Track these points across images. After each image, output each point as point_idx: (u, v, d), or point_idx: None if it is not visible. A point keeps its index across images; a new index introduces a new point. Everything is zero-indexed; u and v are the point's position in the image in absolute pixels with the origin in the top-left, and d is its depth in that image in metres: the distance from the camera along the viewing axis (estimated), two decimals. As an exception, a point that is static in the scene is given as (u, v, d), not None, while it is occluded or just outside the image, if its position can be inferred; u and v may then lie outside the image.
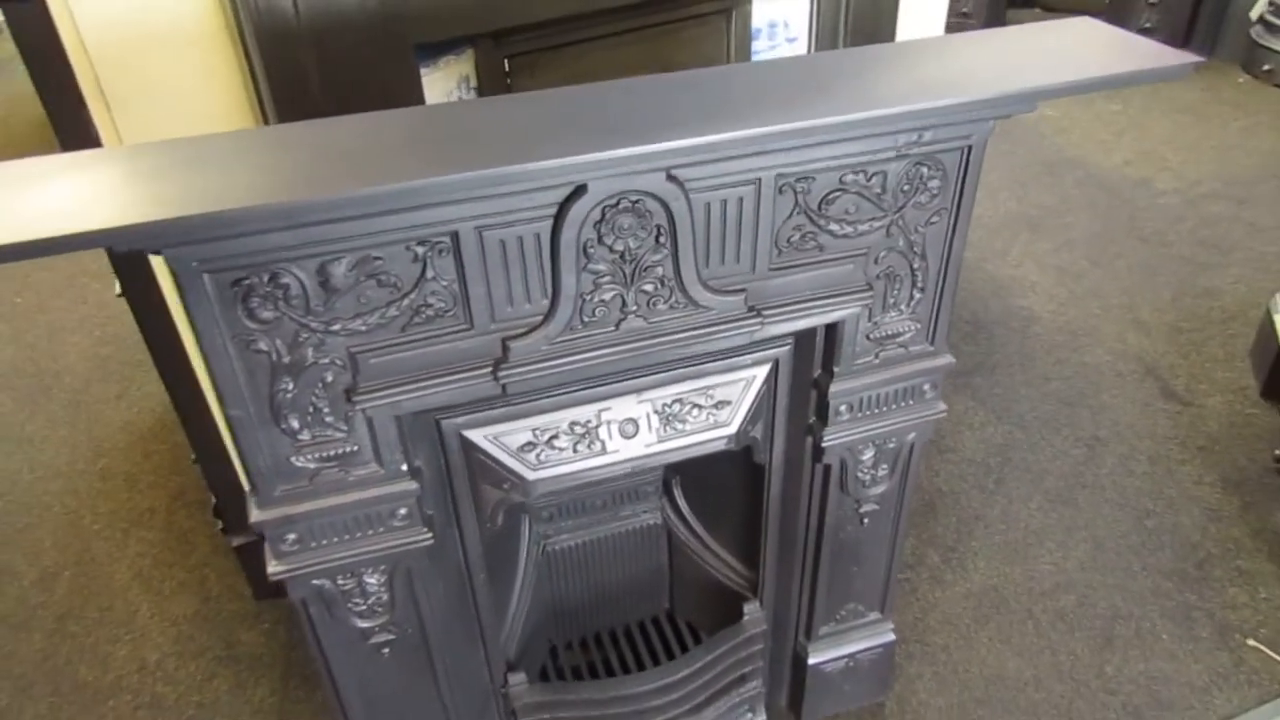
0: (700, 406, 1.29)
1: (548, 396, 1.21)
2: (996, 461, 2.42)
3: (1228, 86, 4.54)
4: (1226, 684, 1.87)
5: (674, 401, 1.27)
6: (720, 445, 1.32)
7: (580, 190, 1.00)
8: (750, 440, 1.36)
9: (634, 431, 1.27)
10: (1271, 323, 2.51)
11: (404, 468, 1.16)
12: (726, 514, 1.65)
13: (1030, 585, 2.09)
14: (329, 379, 1.06)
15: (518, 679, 1.50)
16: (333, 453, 1.12)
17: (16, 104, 5.01)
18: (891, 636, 1.74)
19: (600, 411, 1.25)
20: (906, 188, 1.16)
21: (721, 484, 1.61)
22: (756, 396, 1.31)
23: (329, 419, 1.09)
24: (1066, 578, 2.10)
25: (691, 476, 1.67)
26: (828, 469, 1.43)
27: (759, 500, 1.52)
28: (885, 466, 1.47)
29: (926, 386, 1.38)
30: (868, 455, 1.44)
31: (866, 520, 1.53)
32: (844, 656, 1.72)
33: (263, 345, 1.01)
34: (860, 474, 1.46)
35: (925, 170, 1.15)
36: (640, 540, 1.72)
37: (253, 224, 0.90)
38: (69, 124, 1.42)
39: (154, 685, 1.93)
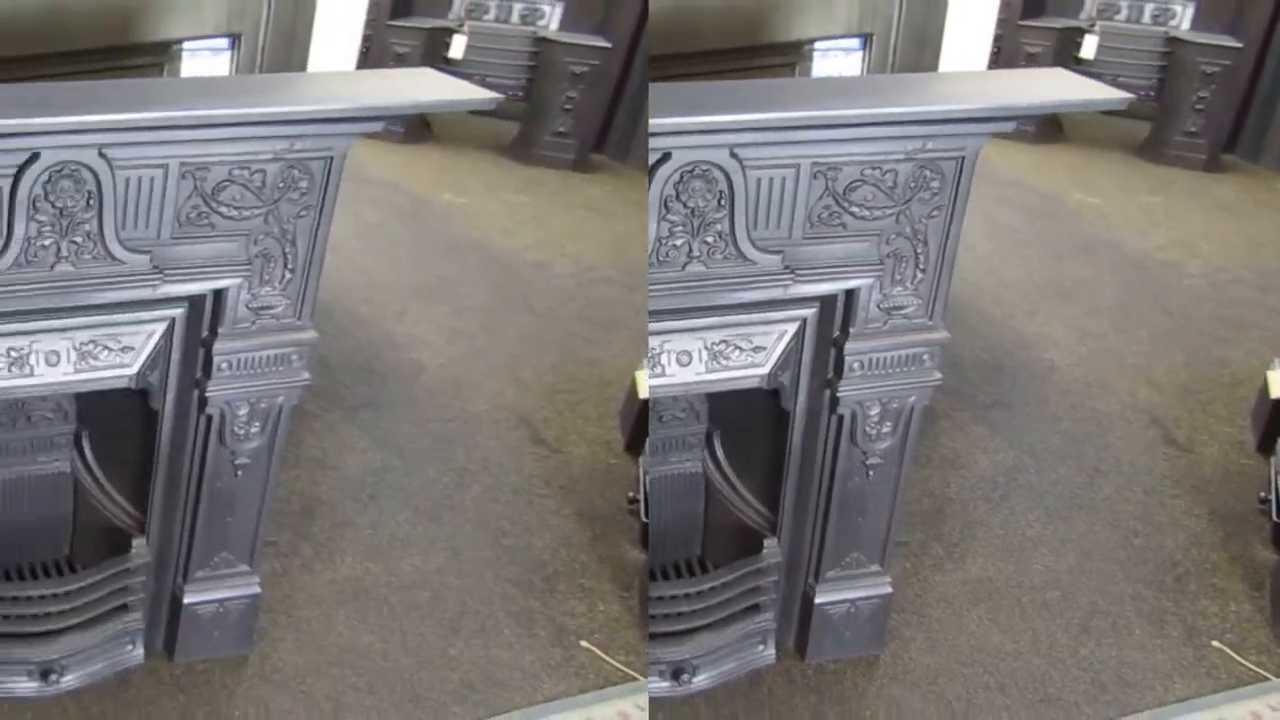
0: (741, 349, 1.64)
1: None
2: (1004, 480, 2.70)
3: (1265, 190, 4.83)
4: (1188, 674, 2.11)
5: (720, 341, 1.63)
6: (754, 383, 1.67)
7: (667, 157, 1.39)
8: (778, 384, 1.70)
9: (688, 361, 1.62)
10: (1267, 382, 2.77)
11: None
12: (755, 465, 1.98)
13: (1021, 580, 2.35)
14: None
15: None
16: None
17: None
18: (889, 589, 2.03)
19: (663, 342, 1.60)
20: (913, 185, 1.52)
21: (753, 439, 1.95)
22: (786, 347, 1.66)
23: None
24: (1054, 577, 2.36)
25: (729, 430, 2.01)
26: (841, 419, 1.76)
27: (783, 450, 1.85)
28: (889, 424, 1.79)
29: (925, 356, 1.72)
30: (874, 411, 1.77)
31: (871, 473, 1.85)
32: (846, 601, 2.01)
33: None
34: (868, 429, 1.79)
35: (928, 174, 1.52)
36: (683, 485, 2.05)
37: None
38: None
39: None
